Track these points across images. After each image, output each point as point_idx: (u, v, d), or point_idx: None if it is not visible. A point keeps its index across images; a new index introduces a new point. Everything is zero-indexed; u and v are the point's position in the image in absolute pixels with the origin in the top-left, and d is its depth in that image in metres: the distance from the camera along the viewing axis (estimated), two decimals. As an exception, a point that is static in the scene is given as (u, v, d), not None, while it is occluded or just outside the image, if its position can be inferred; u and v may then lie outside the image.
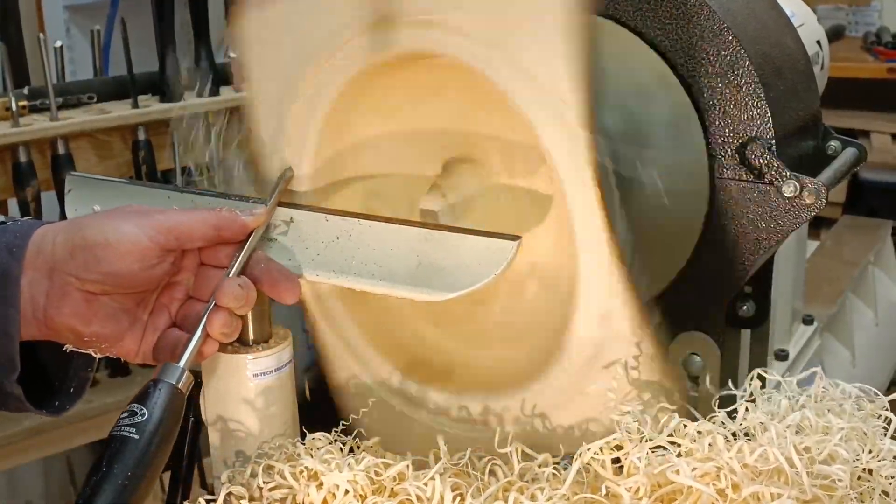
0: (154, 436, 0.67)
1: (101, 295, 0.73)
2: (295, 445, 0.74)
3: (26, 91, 1.66)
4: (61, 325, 0.72)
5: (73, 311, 0.72)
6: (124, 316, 0.74)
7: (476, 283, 0.73)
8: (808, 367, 1.32)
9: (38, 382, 0.77)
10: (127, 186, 0.83)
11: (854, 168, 0.92)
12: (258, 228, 0.76)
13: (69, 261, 0.71)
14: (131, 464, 0.65)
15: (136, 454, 0.65)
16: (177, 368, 0.70)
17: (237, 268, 0.75)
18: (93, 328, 0.73)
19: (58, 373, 0.78)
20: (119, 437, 0.66)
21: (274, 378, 0.78)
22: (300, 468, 0.70)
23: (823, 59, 1.07)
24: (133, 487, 0.65)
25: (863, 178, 3.03)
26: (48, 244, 0.72)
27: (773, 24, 0.90)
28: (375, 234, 0.76)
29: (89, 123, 1.67)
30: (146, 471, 0.66)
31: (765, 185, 0.80)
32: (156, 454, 0.67)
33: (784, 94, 0.85)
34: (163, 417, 0.68)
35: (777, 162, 0.80)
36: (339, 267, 0.77)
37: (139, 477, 0.65)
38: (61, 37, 2.10)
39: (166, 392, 0.69)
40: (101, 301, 0.73)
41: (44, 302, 0.72)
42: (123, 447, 0.66)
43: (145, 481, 0.66)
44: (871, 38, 3.14)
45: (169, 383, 0.70)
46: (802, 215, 0.80)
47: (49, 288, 0.72)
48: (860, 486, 0.66)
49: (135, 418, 0.67)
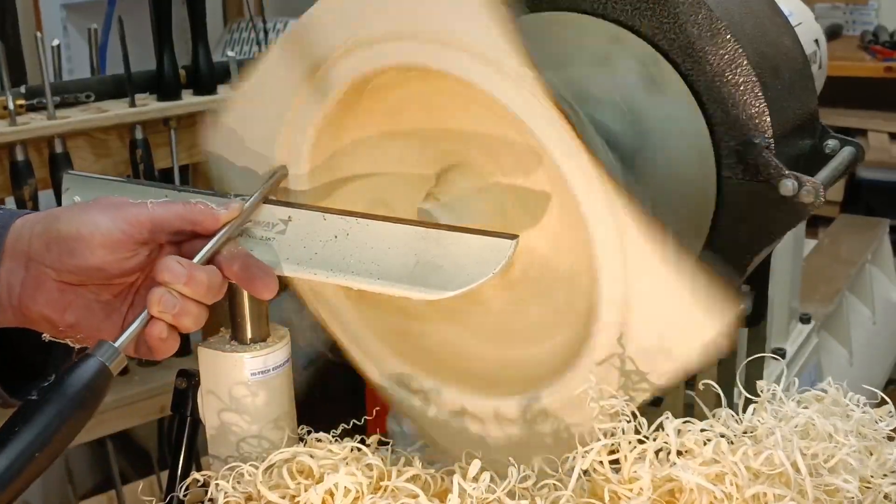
0: (60, 404, 0.66)
1: (78, 286, 0.73)
2: (295, 444, 0.74)
3: (23, 90, 1.66)
4: (37, 315, 0.73)
5: (48, 300, 0.72)
6: (101, 307, 0.74)
7: (473, 281, 0.73)
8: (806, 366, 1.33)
9: (18, 373, 0.77)
10: (124, 185, 0.83)
11: (851, 167, 0.92)
12: (233, 221, 0.76)
13: (45, 252, 0.72)
14: (34, 428, 0.64)
15: (38, 418, 0.65)
16: (109, 346, 0.70)
17: (202, 256, 0.74)
18: (68, 318, 0.73)
19: (38, 363, 0.78)
20: (26, 400, 0.66)
21: (272, 377, 0.78)
22: (300, 467, 0.70)
23: (821, 57, 1.07)
24: (27, 452, 0.64)
25: (860, 177, 3.04)
26: (26, 234, 0.73)
27: (771, 23, 0.91)
28: (373, 232, 0.76)
29: (86, 122, 1.67)
30: (44, 436, 0.65)
31: (762, 184, 0.80)
32: (61, 423, 0.65)
33: (782, 92, 0.85)
34: (76, 389, 0.67)
35: (775, 161, 0.80)
36: (336, 265, 0.77)
37: (37, 442, 0.64)
38: (59, 35, 2.10)
39: (89, 366, 0.68)
40: (78, 292, 0.73)
41: (19, 291, 0.72)
42: (25, 410, 0.65)
43: (44, 447, 0.65)
44: (868, 37, 3.14)
45: (94, 358, 0.69)
46: (800, 214, 0.80)
47: (25, 277, 0.72)
48: (864, 492, 0.66)
49: (45, 383, 0.67)
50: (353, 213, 0.78)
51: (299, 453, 0.71)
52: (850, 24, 3.33)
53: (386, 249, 0.76)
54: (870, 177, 3.02)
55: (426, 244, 0.75)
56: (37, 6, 2.01)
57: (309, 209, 0.79)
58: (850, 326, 1.64)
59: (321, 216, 0.78)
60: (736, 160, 0.81)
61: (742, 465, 0.63)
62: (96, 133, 1.70)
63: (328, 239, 0.77)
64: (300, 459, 0.71)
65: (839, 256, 1.81)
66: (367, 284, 0.76)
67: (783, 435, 0.65)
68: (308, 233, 0.78)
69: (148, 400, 1.81)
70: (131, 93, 1.72)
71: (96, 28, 1.85)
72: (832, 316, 1.59)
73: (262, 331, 0.79)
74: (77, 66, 2.18)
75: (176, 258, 0.72)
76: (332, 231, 0.77)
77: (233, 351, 0.77)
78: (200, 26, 1.81)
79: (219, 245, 0.75)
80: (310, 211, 0.79)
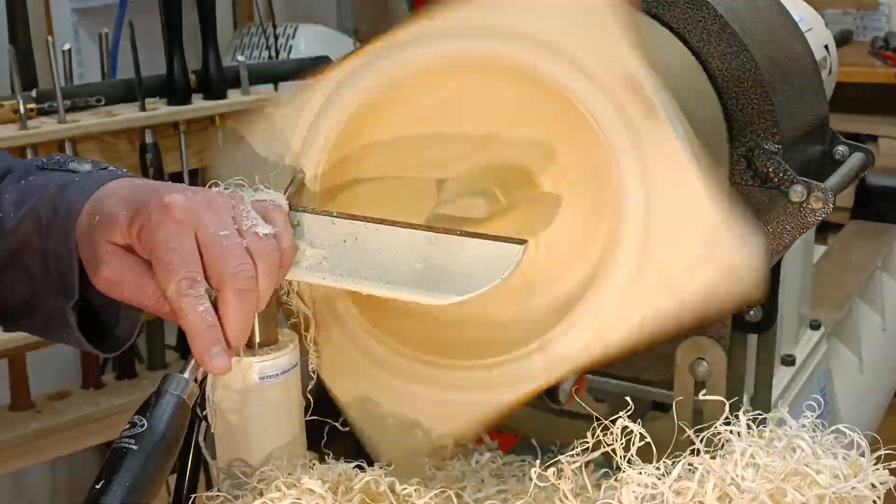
0: (154, 447, 0.66)
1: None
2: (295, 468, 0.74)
3: (34, 93, 1.66)
4: None
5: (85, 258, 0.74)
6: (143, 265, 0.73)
7: (482, 286, 0.73)
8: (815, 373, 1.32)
9: (92, 324, 0.79)
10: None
11: (861, 173, 0.92)
12: None
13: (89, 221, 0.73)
14: (130, 475, 0.65)
15: (135, 466, 0.65)
16: (181, 379, 0.70)
17: None
18: (105, 274, 0.73)
19: (110, 313, 0.80)
20: (118, 448, 0.66)
21: (280, 381, 0.78)
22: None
23: (831, 63, 1.07)
24: (133, 499, 0.64)
25: (870, 183, 3.02)
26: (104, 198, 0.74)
27: (781, 28, 0.90)
28: (382, 237, 0.76)
29: (97, 126, 1.67)
30: (146, 482, 0.65)
31: (772, 190, 0.80)
32: (157, 465, 0.66)
33: (792, 98, 0.85)
34: (164, 429, 0.67)
35: (785, 166, 0.80)
36: (345, 270, 0.77)
37: (139, 488, 0.65)
38: (69, 39, 2.10)
39: (168, 403, 0.69)
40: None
41: None
42: (123, 459, 0.65)
43: (146, 493, 0.65)
44: (879, 43, 3.13)
45: (172, 393, 0.69)
46: (810, 220, 0.80)
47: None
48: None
49: (134, 430, 0.67)
50: (362, 218, 0.78)
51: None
52: (860, 29, 3.32)
53: (395, 254, 0.76)
54: (880, 183, 3.01)
55: (435, 249, 0.75)
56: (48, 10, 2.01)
57: (318, 214, 0.79)
58: (861, 333, 1.63)
59: (330, 221, 0.78)
60: (746, 166, 0.81)
61: None
62: (106, 137, 1.70)
63: (337, 243, 0.77)
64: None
65: (849, 263, 1.80)
66: (376, 289, 0.76)
67: None
68: (317, 237, 0.78)
69: (157, 403, 1.81)
70: (141, 97, 1.72)
71: (107, 32, 1.86)
72: (842, 322, 1.58)
73: (270, 335, 0.79)
74: (88, 70, 2.18)
75: None
76: (340, 236, 0.77)
77: (241, 355, 0.77)
78: (211, 31, 1.81)
79: None
80: (319, 215, 0.79)
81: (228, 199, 0.73)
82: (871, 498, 0.66)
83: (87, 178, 0.77)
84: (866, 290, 1.74)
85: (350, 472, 0.74)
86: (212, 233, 0.70)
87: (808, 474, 0.65)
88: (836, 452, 0.68)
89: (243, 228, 0.71)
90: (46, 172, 0.79)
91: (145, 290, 0.71)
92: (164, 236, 0.69)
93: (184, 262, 0.69)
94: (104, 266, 0.72)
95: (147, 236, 0.70)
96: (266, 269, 0.71)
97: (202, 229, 0.70)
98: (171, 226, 0.70)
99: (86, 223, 0.73)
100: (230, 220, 0.71)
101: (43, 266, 0.76)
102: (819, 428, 0.70)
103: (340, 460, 0.76)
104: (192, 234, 0.70)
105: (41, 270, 0.76)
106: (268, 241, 0.72)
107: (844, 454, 0.68)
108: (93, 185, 0.76)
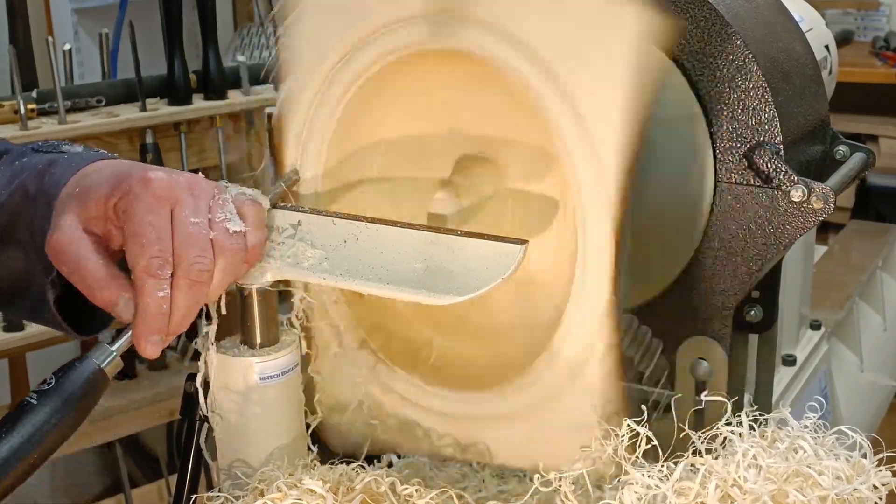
0: (56, 406, 0.67)
1: None
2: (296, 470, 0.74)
3: (34, 94, 1.67)
4: None
5: None
6: None
7: (483, 286, 0.73)
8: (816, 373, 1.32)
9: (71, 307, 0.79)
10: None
11: (862, 173, 0.92)
12: None
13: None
14: (26, 429, 0.66)
15: (31, 421, 0.66)
16: (108, 350, 0.71)
17: None
18: (56, 240, 0.72)
19: None
20: (22, 401, 0.67)
21: (281, 381, 0.78)
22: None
23: (832, 63, 1.07)
24: (22, 452, 0.66)
25: (871, 183, 3.03)
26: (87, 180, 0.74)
27: (782, 28, 0.90)
28: (383, 237, 0.76)
29: (97, 126, 1.68)
30: (40, 437, 0.67)
31: (773, 190, 0.80)
32: (54, 424, 0.67)
33: (792, 98, 0.85)
34: (70, 390, 0.68)
35: (785, 166, 0.79)
36: (346, 270, 0.77)
37: (29, 443, 0.66)
38: (70, 40, 2.10)
39: (85, 368, 0.70)
40: None
41: None
42: (21, 412, 0.67)
43: (36, 449, 0.67)
44: (879, 43, 3.14)
45: (93, 361, 0.70)
46: (810, 220, 0.80)
47: None
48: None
49: (42, 386, 0.68)
50: (362, 218, 0.78)
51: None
52: (861, 29, 3.32)
53: (395, 254, 0.76)
54: (880, 183, 3.02)
55: (436, 249, 0.75)
56: (48, 11, 2.02)
57: (319, 214, 0.79)
58: (861, 333, 1.63)
59: (331, 221, 0.78)
60: (746, 166, 0.81)
61: None
62: (107, 137, 1.71)
63: (338, 244, 0.77)
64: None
65: (850, 263, 1.80)
66: (377, 289, 0.76)
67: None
68: (317, 237, 0.78)
69: (157, 404, 1.82)
70: (142, 97, 1.73)
71: (107, 33, 1.86)
72: (843, 322, 1.58)
73: (271, 335, 0.79)
74: (88, 70, 2.19)
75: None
76: (341, 236, 0.77)
77: (242, 355, 0.78)
78: (211, 31, 1.81)
79: None
80: (319, 215, 0.79)
81: (212, 186, 0.73)
82: (873, 499, 0.66)
83: (76, 157, 0.78)
84: (866, 290, 1.74)
85: (351, 473, 0.74)
86: (184, 216, 0.70)
87: (811, 475, 0.65)
88: (839, 454, 0.68)
89: (216, 220, 0.71)
90: (40, 154, 0.80)
91: (85, 270, 0.71)
92: (142, 210, 0.70)
93: (158, 239, 0.69)
94: (57, 231, 0.71)
95: (125, 206, 0.70)
96: (226, 266, 0.71)
97: (177, 210, 0.70)
98: (150, 200, 0.70)
99: (67, 196, 0.74)
100: (205, 208, 0.71)
101: (32, 241, 0.76)
102: (821, 429, 0.70)
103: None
104: (169, 212, 0.70)
105: (32, 246, 0.77)
106: (235, 239, 0.72)
107: (847, 455, 0.68)
108: (80, 162, 0.76)
